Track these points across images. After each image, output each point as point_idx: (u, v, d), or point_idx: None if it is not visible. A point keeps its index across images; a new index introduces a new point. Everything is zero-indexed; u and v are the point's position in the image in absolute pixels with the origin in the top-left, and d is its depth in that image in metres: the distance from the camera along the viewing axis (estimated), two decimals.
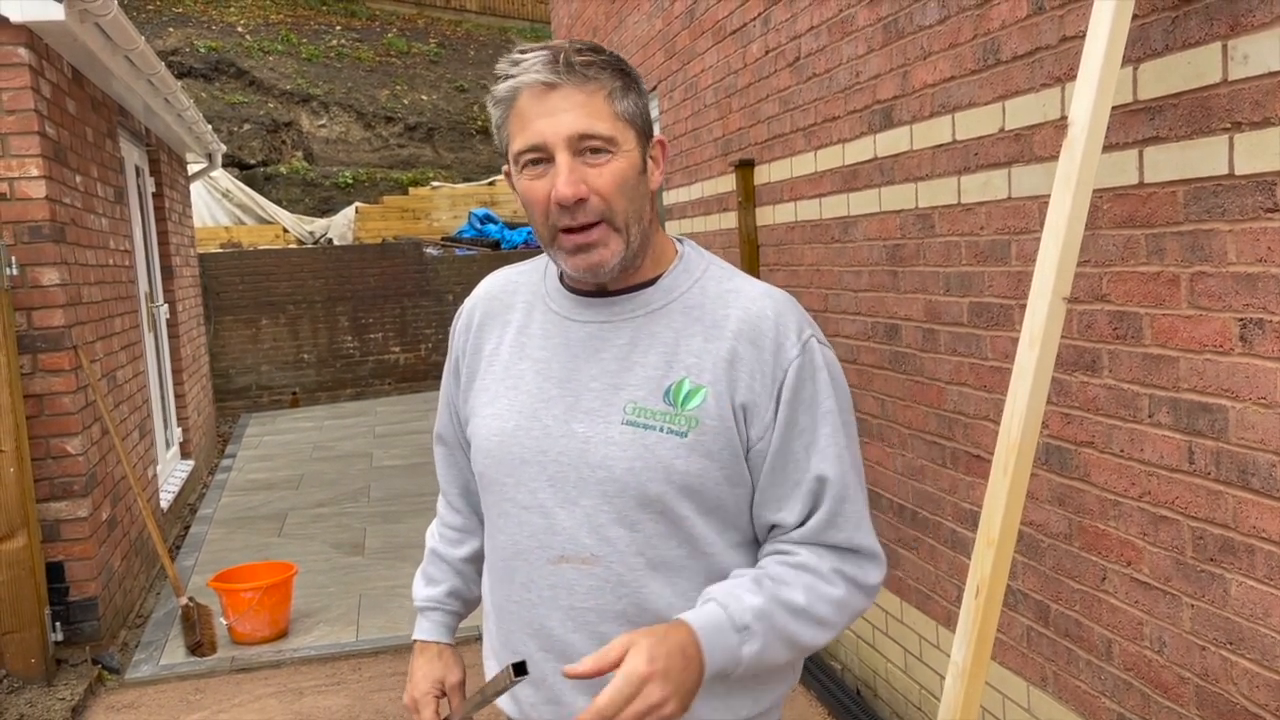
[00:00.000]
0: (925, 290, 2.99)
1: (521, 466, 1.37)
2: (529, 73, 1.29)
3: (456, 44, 19.43)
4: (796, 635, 1.29)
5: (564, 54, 1.29)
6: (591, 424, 1.33)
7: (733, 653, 1.24)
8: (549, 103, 1.28)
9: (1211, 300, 1.90)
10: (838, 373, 1.38)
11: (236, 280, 11.16)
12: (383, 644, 4.45)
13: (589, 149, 1.29)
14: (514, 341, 1.44)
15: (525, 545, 1.37)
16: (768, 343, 1.32)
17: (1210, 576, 1.96)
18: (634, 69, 1.37)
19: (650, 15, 5.59)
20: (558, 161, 1.29)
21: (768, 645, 1.26)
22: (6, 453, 3.97)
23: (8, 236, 4.12)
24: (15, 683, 4.00)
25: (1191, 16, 1.90)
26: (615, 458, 1.30)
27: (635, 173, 1.33)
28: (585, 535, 1.32)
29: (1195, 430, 1.97)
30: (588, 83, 1.29)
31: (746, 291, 1.37)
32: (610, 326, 1.36)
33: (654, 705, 1.14)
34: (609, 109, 1.30)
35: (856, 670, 3.72)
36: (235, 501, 7.18)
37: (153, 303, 7.00)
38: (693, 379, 1.31)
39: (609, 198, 1.29)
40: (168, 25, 16.69)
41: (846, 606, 1.34)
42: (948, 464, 2.94)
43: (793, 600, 1.29)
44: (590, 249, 1.30)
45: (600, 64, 1.30)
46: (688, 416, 1.30)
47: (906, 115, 3.02)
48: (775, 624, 1.27)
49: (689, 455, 1.30)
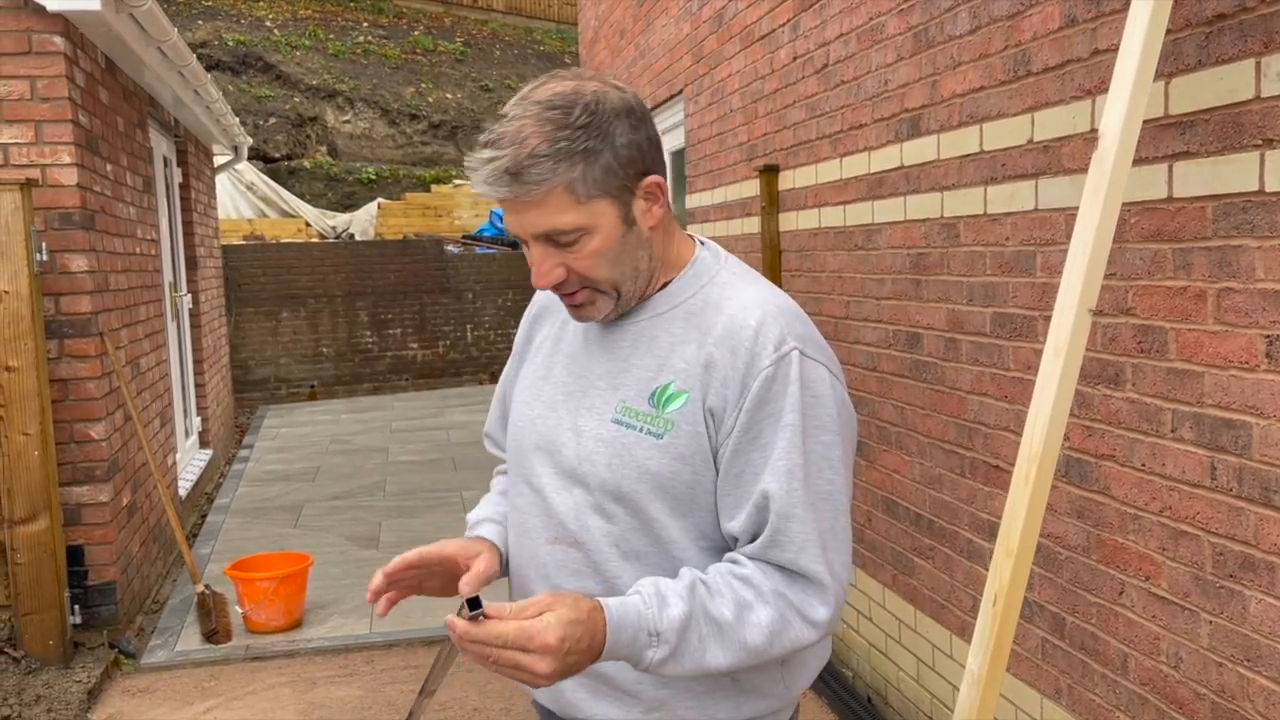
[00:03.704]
0: (948, 299, 2.99)
1: (535, 451, 1.45)
2: (480, 184, 1.29)
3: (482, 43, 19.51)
4: (709, 653, 1.25)
5: (512, 164, 1.25)
6: (589, 420, 1.39)
7: (635, 654, 1.23)
8: (509, 204, 1.30)
9: (1238, 316, 1.90)
10: (822, 389, 1.32)
11: (258, 273, 11.24)
12: (396, 637, 4.47)
13: (558, 241, 1.31)
14: (555, 336, 1.52)
15: (531, 524, 1.45)
16: (743, 350, 1.32)
17: (1229, 593, 1.96)
18: (612, 110, 1.29)
19: (678, 19, 5.61)
20: (532, 250, 1.33)
21: (676, 656, 1.24)
22: (31, 436, 4.02)
23: (39, 222, 4.17)
24: (33, 664, 4.04)
25: (1225, 33, 1.90)
26: (599, 453, 1.37)
27: (616, 238, 1.32)
28: (571, 521, 1.39)
29: (1218, 446, 1.96)
30: (541, 186, 1.26)
31: (740, 298, 1.37)
32: (619, 329, 1.41)
33: (533, 673, 1.17)
34: (570, 201, 1.28)
35: (868, 678, 3.72)
36: (252, 492, 7.22)
37: (176, 292, 7.06)
38: (678, 383, 1.34)
39: (586, 274, 1.33)
40: (197, 18, 16.82)
41: (779, 635, 1.28)
42: (966, 473, 2.94)
43: (719, 614, 1.26)
44: (581, 308, 1.38)
45: (557, 155, 1.25)
46: (666, 419, 1.34)
47: (934, 124, 3.02)
48: (689, 637, 1.24)
49: (661, 456, 1.33)
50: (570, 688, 1.40)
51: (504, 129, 1.28)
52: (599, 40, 7.92)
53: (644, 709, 1.37)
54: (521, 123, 1.27)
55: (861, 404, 3.62)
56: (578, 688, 1.40)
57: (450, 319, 12.00)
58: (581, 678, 1.36)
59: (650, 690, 1.37)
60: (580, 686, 1.39)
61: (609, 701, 1.39)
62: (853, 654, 3.84)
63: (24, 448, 4.01)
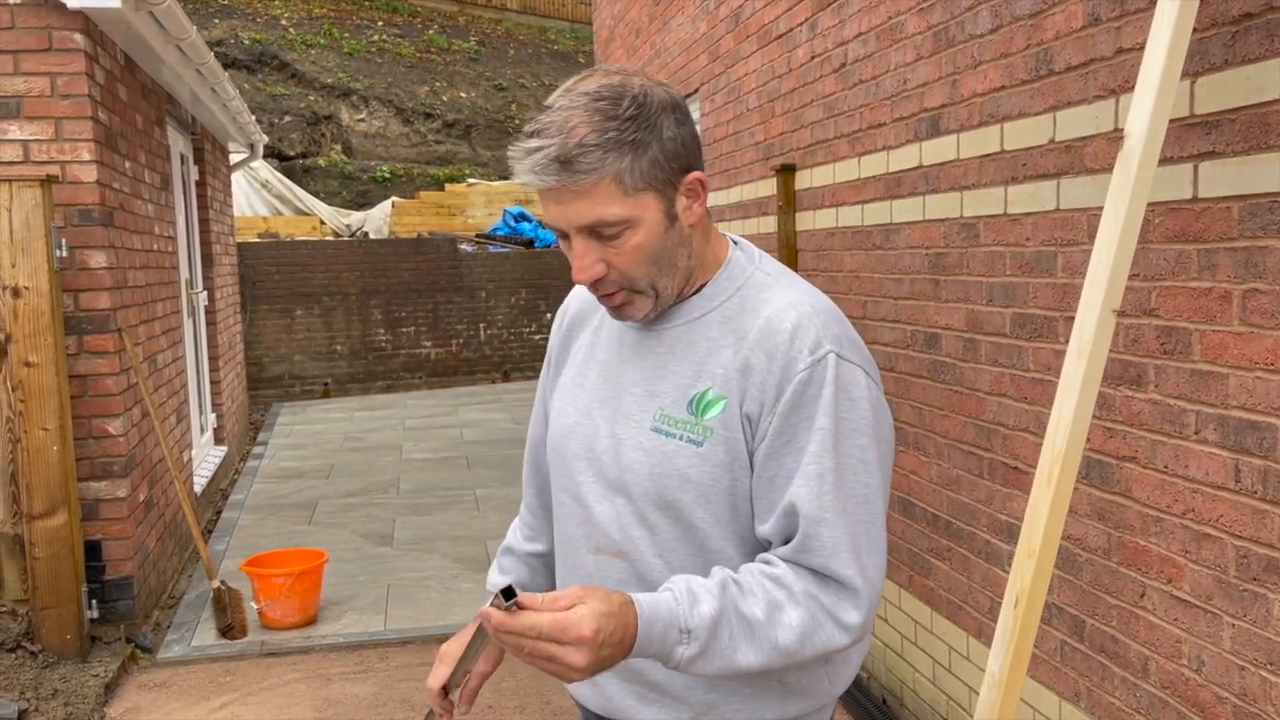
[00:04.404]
0: (967, 300, 2.98)
1: (574, 460, 1.44)
2: (525, 173, 1.26)
3: (496, 42, 19.53)
4: (739, 652, 1.24)
5: (560, 152, 1.23)
6: (627, 428, 1.38)
7: (666, 650, 1.21)
8: (554, 194, 1.27)
9: (1264, 317, 1.89)
10: (858, 392, 1.30)
11: (273, 270, 11.28)
12: (410, 634, 4.48)
13: (601, 234, 1.29)
14: (589, 342, 1.50)
15: (574, 533, 1.44)
16: (780, 354, 1.30)
17: (1253, 596, 1.94)
18: (659, 104, 1.29)
19: (695, 18, 5.60)
20: (573, 244, 1.30)
21: (706, 654, 1.22)
22: (50, 431, 4.04)
23: (59, 219, 4.19)
24: (51, 658, 4.06)
25: (1252, 32, 1.88)
26: (640, 462, 1.35)
27: (659, 234, 1.31)
28: (615, 531, 1.38)
29: (1243, 448, 1.95)
30: (590, 175, 1.24)
31: (776, 300, 1.35)
32: (654, 335, 1.40)
33: (567, 665, 1.14)
34: (618, 192, 1.26)
35: (883, 679, 3.71)
36: (266, 489, 7.25)
37: (193, 289, 7.09)
38: (716, 390, 1.33)
39: (626, 272, 1.31)
40: (214, 16, 16.89)
41: (810, 636, 1.25)
42: (985, 475, 2.93)
43: (750, 613, 1.24)
44: (620, 308, 1.36)
45: (607, 145, 1.24)
46: (705, 426, 1.32)
47: (954, 124, 3.01)
48: (720, 635, 1.22)
49: (702, 464, 1.32)
50: (619, 694, 1.40)
51: (551, 119, 1.26)
52: (614, 39, 7.92)
53: (693, 713, 1.37)
54: (569, 113, 1.25)
55: None
56: (626, 694, 1.39)
57: (464, 317, 12.02)
58: (630, 684, 1.37)
59: (700, 694, 1.36)
60: (629, 693, 1.39)
61: (658, 707, 1.38)
62: (868, 655, 3.83)
63: (43, 443, 4.03)
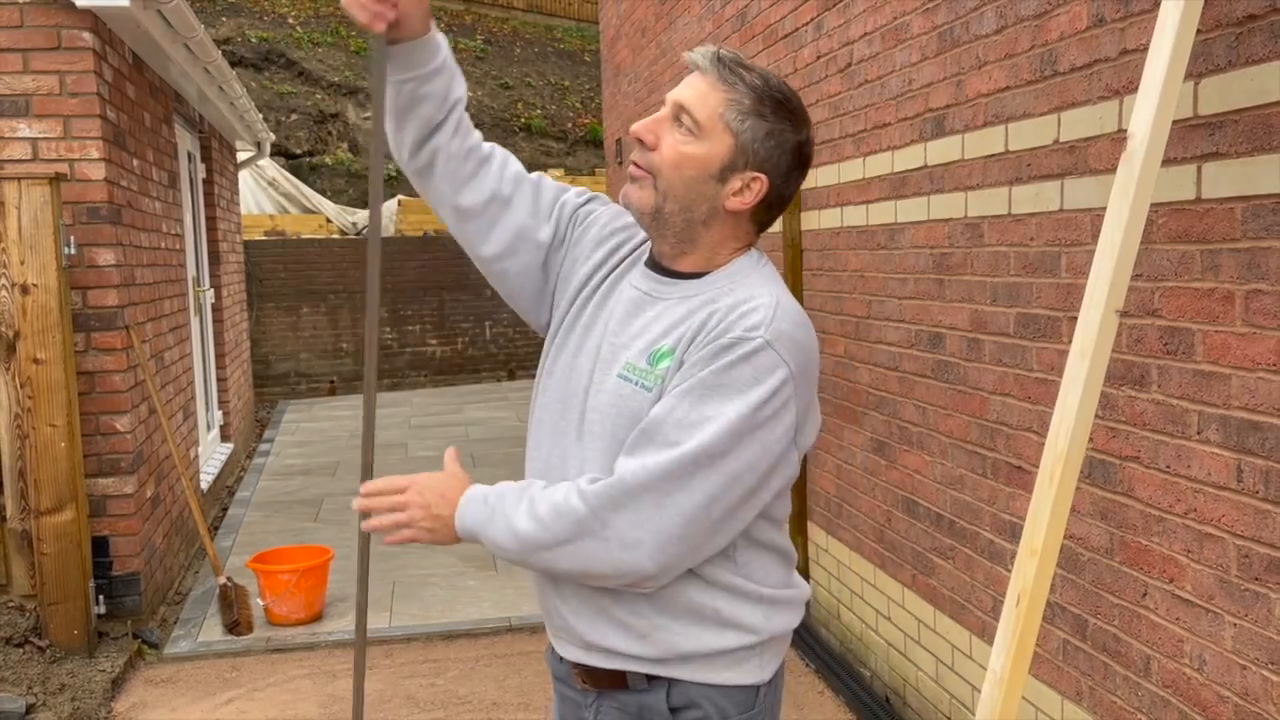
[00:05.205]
0: (971, 300, 2.99)
1: (565, 398, 1.58)
2: (697, 51, 1.50)
3: (503, 41, 19.54)
4: (514, 515, 1.46)
5: (723, 55, 1.47)
6: (602, 373, 1.52)
7: (475, 520, 1.50)
8: (688, 77, 1.50)
9: (1267, 318, 1.90)
10: (764, 378, 1.39)
11: (279, 268, 11.31)
12: (415, 631, 4.50)
13: (681, 121, 1.46)
14: (607, 289, 1.61)
15: (553, 464, 1.57)
16: (724, 321, 1.43)
17: (1254, 595, 1.95)
18: (784, 111, 1.47)
19: (700, 18, 5.61)
20: (661, 113, 1.50)
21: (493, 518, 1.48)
22: (59, 428, 4.06)
23: (67, 217, 4.21)
24: (58, 653, 4.09)
25: (1256, 33, 1.89)
26: (605, 404, 1.50)
27: (701, 165, 1.46)
28: (588, 466, 1.50)
29: (1245, 448, 1.96)
30: (720, 80, 1.46)
31: (752, 290, 1.47)
32: (649, 299, 1.54)
33: (407, 510, 1.52)
34: (717, 107, 1.45)
35: (886, 678, 3.72)
36: (272, 486, 7.27)
37: (199, 287, 7.11)
38: (669, 344, 1.47)
39: (660, 163, 1.47)
40: (220, 14, 16.92)
41: (563, 515, 1.42)
42: (988, 474, 2.94)
43: (532, 490, 1.49)
44: (633, 181, 1.51)
45: (746, 80, 1.46)
46: (657, 374, 1.46)
47: (959, 124, 3.02)
48: (506, 500, 1.49)
49: (650, 408, 1.45)
50: (574, 617, 1.54)
51: (753, 64, 1.50)
52: (620, 38, 7.93)
53: (639, 635, 1.50)
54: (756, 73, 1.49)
55: (882, 403, 3.62)
56: (579, 617, 1.54)
57: (469, 315, 12.04)
58: (582, 608, 1.52)
59: (642, 621, 1.50)
60: (581, 616, 1.53)
61: (609, 626, 1.51)
62: (871, 654, 3.84)
63: (51, 439, 4.05)
